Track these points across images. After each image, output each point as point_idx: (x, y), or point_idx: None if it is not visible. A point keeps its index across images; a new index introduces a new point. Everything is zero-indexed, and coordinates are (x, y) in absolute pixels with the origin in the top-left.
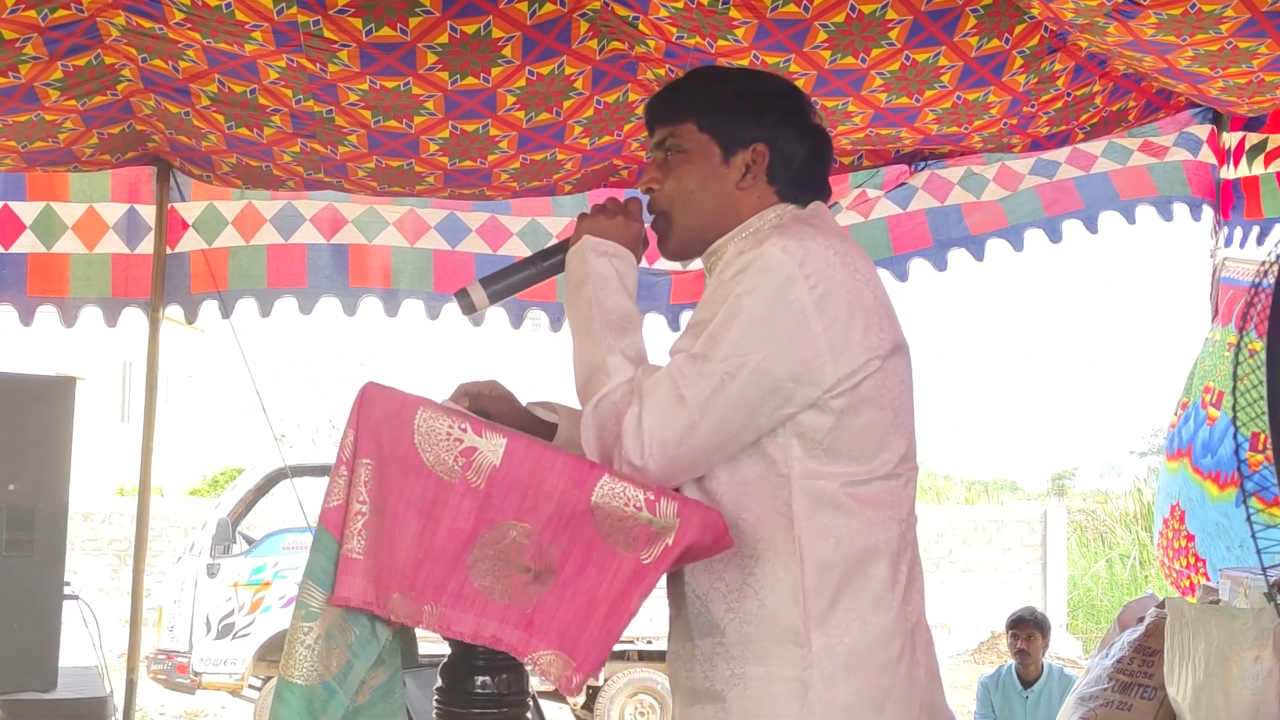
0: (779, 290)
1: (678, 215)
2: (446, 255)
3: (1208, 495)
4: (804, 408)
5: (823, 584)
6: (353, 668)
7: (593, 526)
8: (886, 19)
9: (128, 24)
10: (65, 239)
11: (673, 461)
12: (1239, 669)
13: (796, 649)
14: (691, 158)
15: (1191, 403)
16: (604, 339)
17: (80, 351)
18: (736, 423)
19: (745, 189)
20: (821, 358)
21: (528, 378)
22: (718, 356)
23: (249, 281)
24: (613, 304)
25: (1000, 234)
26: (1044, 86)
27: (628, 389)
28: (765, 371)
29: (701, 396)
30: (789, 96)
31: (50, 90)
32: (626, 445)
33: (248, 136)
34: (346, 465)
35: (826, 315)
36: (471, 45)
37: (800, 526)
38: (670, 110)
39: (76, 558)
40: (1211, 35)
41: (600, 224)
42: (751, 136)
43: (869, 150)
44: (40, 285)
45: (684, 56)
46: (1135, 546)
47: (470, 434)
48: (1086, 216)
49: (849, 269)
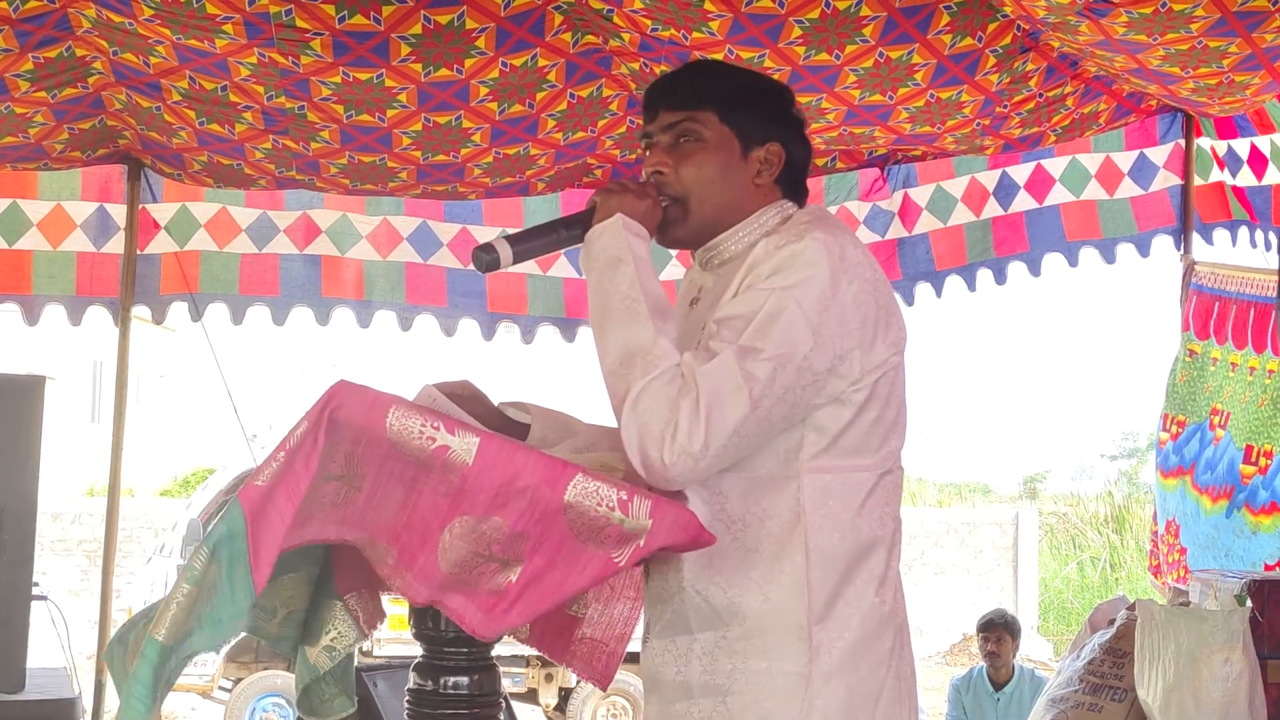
0: (823, 285)
1: (694, 203)
2: (419, 268)
3: (1202, 509)
4: (830, 401)
5: (826, 578)
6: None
7: (565, 524)
8: (860, 15)
9: (98, 17)
10: (29, 236)
11: (724, 449)
12: (1209, 671)
13: (800, 643)
14: (711, 147)
15: (1198, 423)
16: (651, 321)
17: (50, 351)
18: (780, 413)
19: (760, 185)
20: (853, 352)
21: (501, 388)
22: (769, 348)
23: (221, 286)
24: (653, 287)
25: (958, 271)
26: (1016, 87)
27: (675, 374)
28: (810, 364)
29: (758, 387)
30: (793, 100)
31: (20, 81)
32: (684, 431)
33: (219, 133)
34: (287, 453)
35: (861, 311)
36: (445, 36)
37: (808, 520)
38: (688, 96)
39: (45, 558)
40: (1182, 34)
41: (630, 203)
42: (769, 135)
43: (842, 150)
44: (2, 283)
45: (659, 50)
46: (1106, 549)
47: (443, 432)
48: (1030, 259)
49: (874, 268)
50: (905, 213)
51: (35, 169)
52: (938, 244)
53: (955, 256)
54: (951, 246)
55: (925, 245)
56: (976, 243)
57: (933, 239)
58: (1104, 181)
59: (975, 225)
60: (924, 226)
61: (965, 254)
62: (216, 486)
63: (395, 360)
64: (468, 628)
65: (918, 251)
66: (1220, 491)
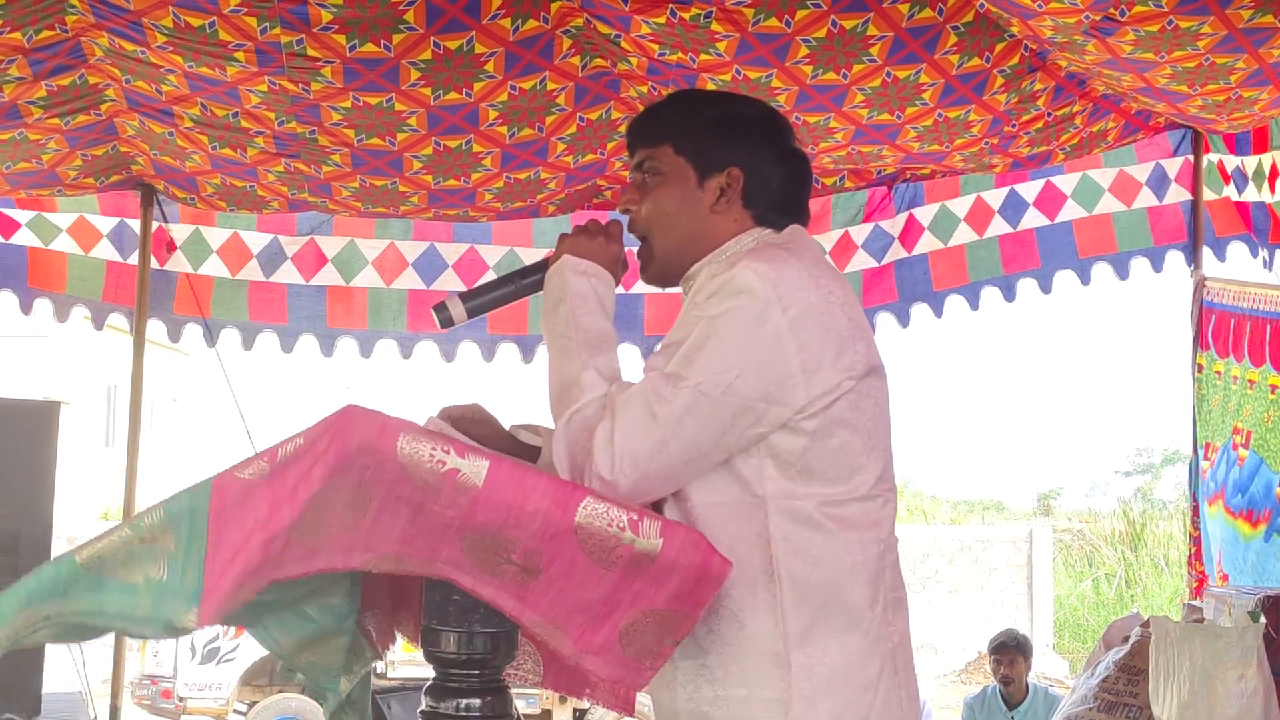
0: (753, 312)
1: (655, 238)
2: (421, 294)
3: (1240, 535)
4: (775, 428)
5: (801, 605)
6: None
7: (576, 544)
8: (868, 35)
9: (111, 45)
10: (60, 240)
11: (642, 478)
12: (1224, 688)
13: (777, 670)
14: (668, 180)
15: (1224, 443)
16: (578, 355)
17: (64, 375)
18: (707, 441)
19: (720, 212)
20: (794, 379)
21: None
22: (691, 376)
23: (232, 313)
24: (589, 322)
25: (959, 290)
26: (1024, 106)
27: (600, 405)
28: (737, 391)
29: (674, 414)
30: (768, 121)
31: (34, 108)
32: (597, 460)
33: (231, 157)
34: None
35: (800, 337)
36: (454, 61)
37: (777, 548)
38: (649, 132)
39: None
40: (1189, 52)
41: (581, 244)
42: (727, 160)
43: (851, 170)
44: (40, 278)
45: (667, 73)
46: (1121, 565)
47: (454, 456)
48: (1041, 276)
49: (823, 291)
50: (906, 234)
51: (49, 195)
52: (936, 264)
53: (956, 276)
54: (951, 266)
55: (924, 266)
56: (980, 261)
57: (931, 260)
58: (1120, 194)
59: (978, 244)
60: (924, 247)
61: (967, 273)
62: None
63: (398, 383)
64: (502, 609)
65: (915, 272)
66: (1259, 516)
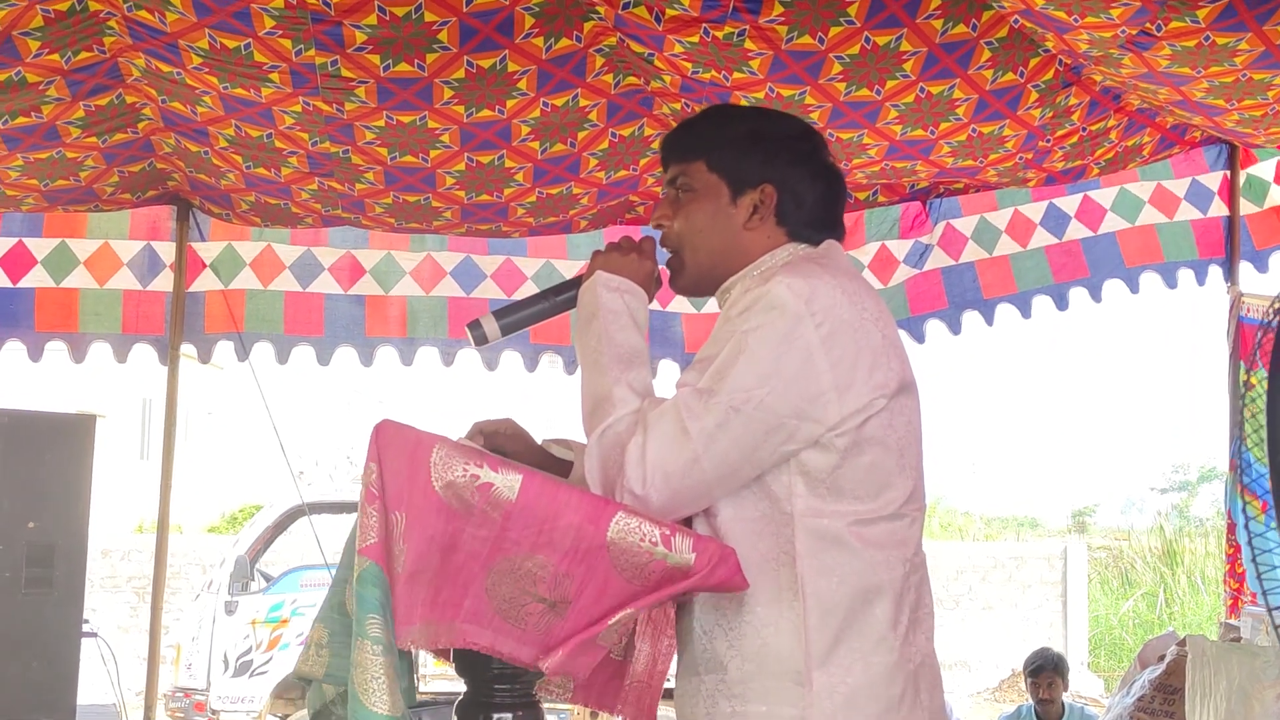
0: (785, 328)
1: (687, 254)
2: (461, 301)
3: None
4: (807, 445)
5: (824, 623)
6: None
7: (608, 561)
8: (901, 51)
9: (148, 66)
10: (75, 274)
11: (675, 494)
12: (1261, 707)
13: (798, 688)
14: (700, 196)
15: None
16: (610, 371)
17: (99, 389)
18: (739, 458)
19: (753, 229)
20: (826, 395)
21: (543, 420)
22: (723, 391)
23: (266, 325)
24: (622, 338)
25: (1009, 299)
26: (1059, 121)
27: (632, 420)
28: (769, 408)
29: (706, 430)
30: (802, 137)
31: (72, 128)
32: (629, 475)
33: (266, 175)
34: (377, 504)
35: (833, 353)
36: (487, 79)
37: (803, 565)
38: (683, 148)
39: (95, 595)
40: (1226, 68)
41: (614, 260)
42: (760, 176)
43: (884, 185)
44: (49, 320)
45: (700, 91)
46: (1159, 584)
47: (487, 470)
48: (1092, 285)
49: (856, 308)
50: (949, 242)
51: (86, 210)
52: (984, 273)
53: (1004, 284)
54: (999, 275)
55: (971, 274)
56: (1028, 271)
57: (979, 268)
58: (1160, 206)
59: (1023, 255)
60: (970, 255)
61: (1014, 282)
62: (264, 523)
63: (438, 393)
64: (521, 663)
65: (964, 280)
66: None
